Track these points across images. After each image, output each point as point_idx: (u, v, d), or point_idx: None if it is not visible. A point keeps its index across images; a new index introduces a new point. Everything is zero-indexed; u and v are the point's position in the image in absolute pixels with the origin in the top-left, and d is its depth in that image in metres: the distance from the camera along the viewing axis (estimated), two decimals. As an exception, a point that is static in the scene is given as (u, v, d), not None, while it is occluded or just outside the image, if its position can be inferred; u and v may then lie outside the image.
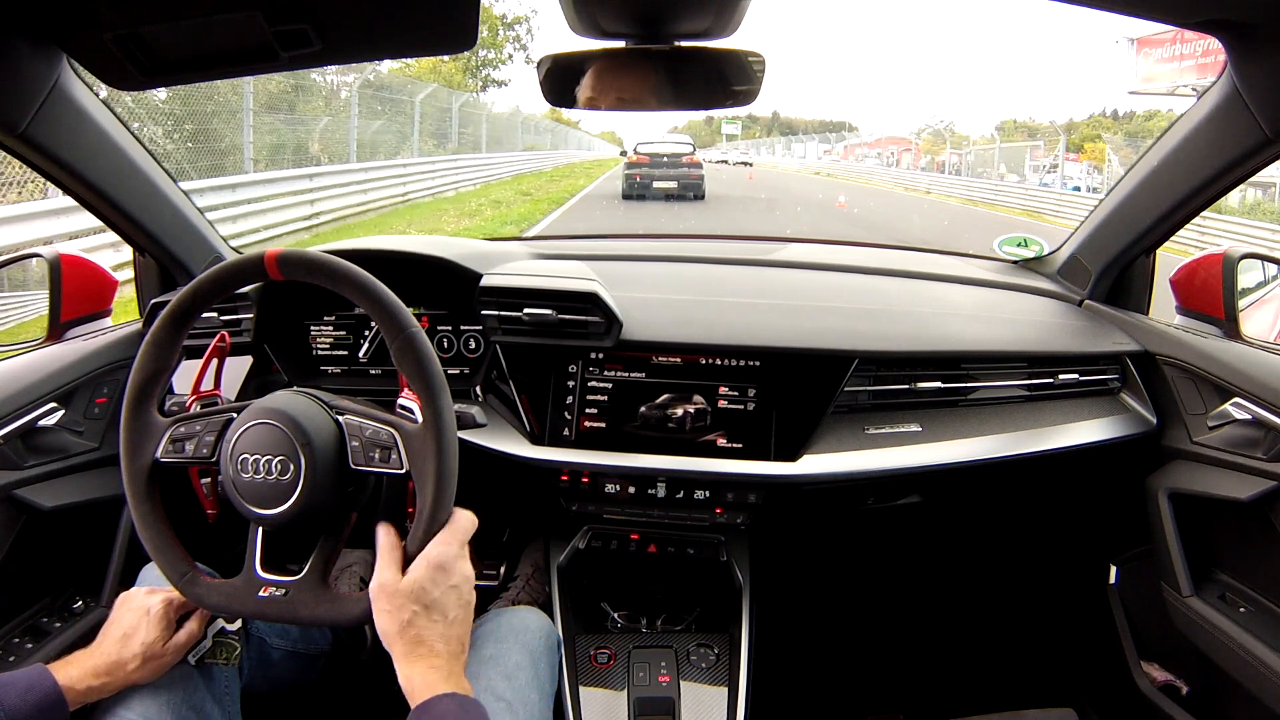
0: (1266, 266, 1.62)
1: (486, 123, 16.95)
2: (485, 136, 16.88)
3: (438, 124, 14.24)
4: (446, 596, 0.73)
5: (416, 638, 0.71)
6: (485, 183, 15.07)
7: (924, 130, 35.20)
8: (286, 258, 0.79)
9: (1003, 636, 1.64)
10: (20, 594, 1.09)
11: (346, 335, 1.36)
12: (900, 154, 30.79)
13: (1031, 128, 29.11)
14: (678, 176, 13.65)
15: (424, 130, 13.49)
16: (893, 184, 23.29)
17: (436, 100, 13.77)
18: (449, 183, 13.30)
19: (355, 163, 10.24)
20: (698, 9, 0.84)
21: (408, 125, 12.63)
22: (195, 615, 0.86)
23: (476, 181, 14.62)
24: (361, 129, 10.92)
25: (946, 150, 25.01)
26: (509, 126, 20.16)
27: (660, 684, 1.17)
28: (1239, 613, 1.11)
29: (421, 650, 0.71)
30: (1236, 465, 1.11)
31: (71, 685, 0.76)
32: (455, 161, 14.03)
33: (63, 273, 1.23)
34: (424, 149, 13.38)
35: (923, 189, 20.88)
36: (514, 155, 19.29)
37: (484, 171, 15.50)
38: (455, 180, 13.59)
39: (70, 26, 0.83)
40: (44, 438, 1.10)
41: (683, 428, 1.18)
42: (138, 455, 0.81)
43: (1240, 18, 0.84)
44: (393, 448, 0.76)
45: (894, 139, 34.95)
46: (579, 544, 1.30)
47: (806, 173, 31.09)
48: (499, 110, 21.30)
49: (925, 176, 23.05)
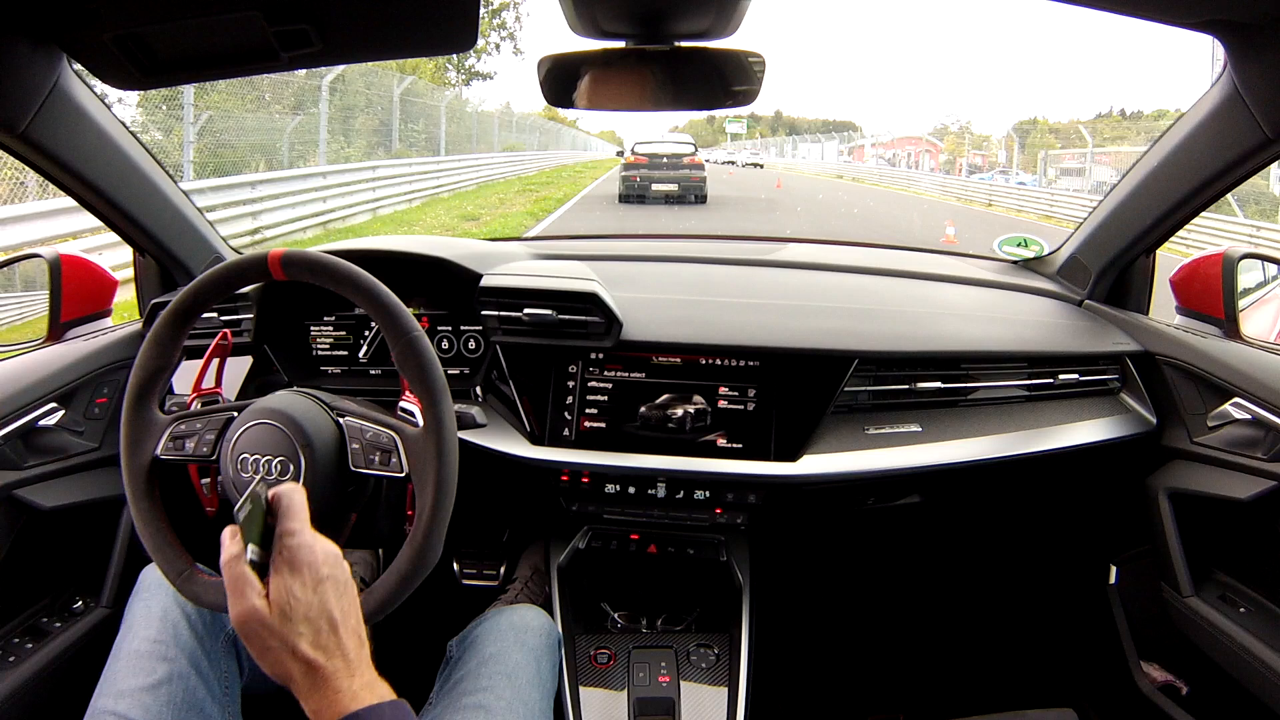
0: (1266, 266, 1.62)
1: (448, 117, 13.63)
2: (444, 135, 13.36)
3: (384, 118, 11.48)
4: (325, 594, 0.62)
5: (310, 664, 0.60)
6: (431, 197, 11.65)
7: (940, 130, 34.21)
8: (290, 258, 0.79)
9: (1003, 636, 1.64)
10: (20, 594, 1.09)
11: (347, 336, 1.36)
12: (918, 155, 30.13)
13: (1052, 128, 26.73)
14: (678, 179, 13.01)
15: (357, 127, 10.75)
16: (939, 192, 19.77)
17: (369, 86, 10.81)
18: (362, 202, 9.46)
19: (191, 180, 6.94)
20: (698, 9, 0.84)
21: (335, 121, 9.93)
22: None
23: (415, 196, 11.12)
24: (264, 125, 8.51)
25: (968, 151, 24.51)
26: (485, 123, 17.14)
27: (660, 684, 1.17)
28: (1239, 613, 1.11)
29: (323, 673, 0.60)
30: (1236, 465, 1.11)
31: None
32: (388, 168, 10.46)
33: (63, 273, 1.24)
34: (346, 153, 10.30)
35: (984, 201, 17.03)
36: (485, 158, 15.90)
37: (431, 181, 12.07)
38: (379, 197, 9.91)
39: (70, 26, 0.83)
40: (44, 438, 1.11)
41: (683, 428, 1.18)
42: (138, 452, 0.81)
43: (1240, 18, 0.84)
44: (393, 451, 0.76)
45: (911, 139, 33.73)
46: (579, 544, 1.30)
47: (827, 176, 27.99)
48: (487, 106, 18.83)
49: (982, 184, 19.26)
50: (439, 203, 11.52)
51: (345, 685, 0.60)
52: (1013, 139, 22.75)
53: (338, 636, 0.61)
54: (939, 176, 23.26)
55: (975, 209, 16.05)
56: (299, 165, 9.25)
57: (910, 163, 29.37)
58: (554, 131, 27.82)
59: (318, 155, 9.57)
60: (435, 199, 11.79)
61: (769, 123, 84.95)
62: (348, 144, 10.91)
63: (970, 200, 17.65)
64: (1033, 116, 45.63)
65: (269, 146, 9.05)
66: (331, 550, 0.65)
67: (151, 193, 1.21)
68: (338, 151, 10.39)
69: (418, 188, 11.43)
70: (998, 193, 17.08)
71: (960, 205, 16.84)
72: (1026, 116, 49.26)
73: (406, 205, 10.72)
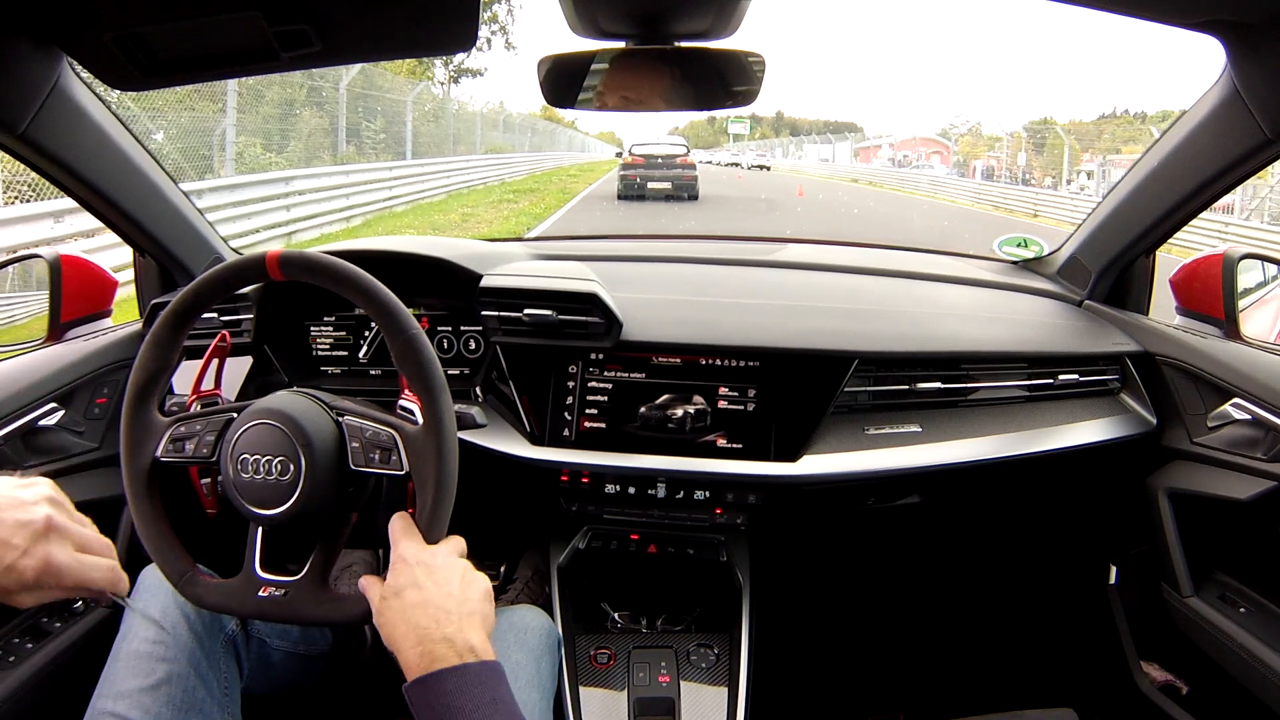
0: (1266, 267, 1.61)
1: (427, 117, 12.54)
2: (410, 135, 11.80)
3: (335, 116, 9.64)
4: (451, 563, 0.73)
5: (421, 598, 0.69)
6: (380, 212, 9.66)
7: (949, 130, 33.52)
8: (287, 258, 0.79)
9: (1003, 636, 1.64)
10: None
11: (346, 336, 1.36)
12: (929, 156, 29.67)
13: (1069, 127, 25.35)
14: (672, 177, 13.94)
15: (298, 127, 8.69)
16: (973, 200, 17.40)
17: (315, 76, 9.05)
18: (275, 224, 7.32)
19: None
20: (698, 9, 0.84)
21: (274, 119, 8.12)
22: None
23: (359, 212, 9.14)
24: (199, 126, 6.83)
25: (985, 154, 24.05)
26: (468, 122, 15.94)
27: (660, 684, 1.17)
28: (1239, 613, 1.11)
29: (420, 614, 0.68)
30: (1236, 465, 1.11)
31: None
32: (314, 179, 8.29)
33: (63, 273, 1.24)
34: (267, 159, 8.17)
35: (1029, 212, 14.52)
36: (461, 162, 14.29)
37: (384, 192, 10.04)
38: (295, 218, 7.73)
39: (70, 26, 0.83)
40: (44, 438, 1.10)
41: (683, 428, 1.18)
42: (138, 454, 0.81)
43: (1240, 18, 0.84)
44: (393, 449, 0.76)
45: (922, 140, 33.13)
46: (579, 544, 1.30)
47: (841, 179, 26.07)
48: (478, 105, 17.45)
49: (1022, 190, 16.96)
50: (386, 219, 9.41)
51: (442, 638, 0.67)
52: (1021, 137, 22.08)
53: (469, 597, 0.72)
54: (972, 182, 21.00)
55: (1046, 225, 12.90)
56: (207, 176, 7.17)
57: (922, 164, 28.69)
58: (549, 132, 27.02)
59: (224, 163, 7.36)
60: (384, 215, 9.66)
61: (770, 123, 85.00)
62: (278, 150, 8.73)
63: (1010, 209, 15.32)
64: (1043, 117, 44.61)
65: (191, 151, 7.17)
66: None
67: (151, 193, 1.21)
68: (257, 158, 8.26)
69: (364, 200, 9.22)
70: (1059, 203, 14.38)
71: (1027, 220, 13.92)
72: (1036, 117, 47.95)
73: (343, 225, 8.50)
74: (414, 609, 0.68)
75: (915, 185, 22.15)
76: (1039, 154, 21.98)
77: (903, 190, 21.56)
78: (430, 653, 0.65)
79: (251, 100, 8.26)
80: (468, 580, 0.73)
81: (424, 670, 0.65)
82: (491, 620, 0.73)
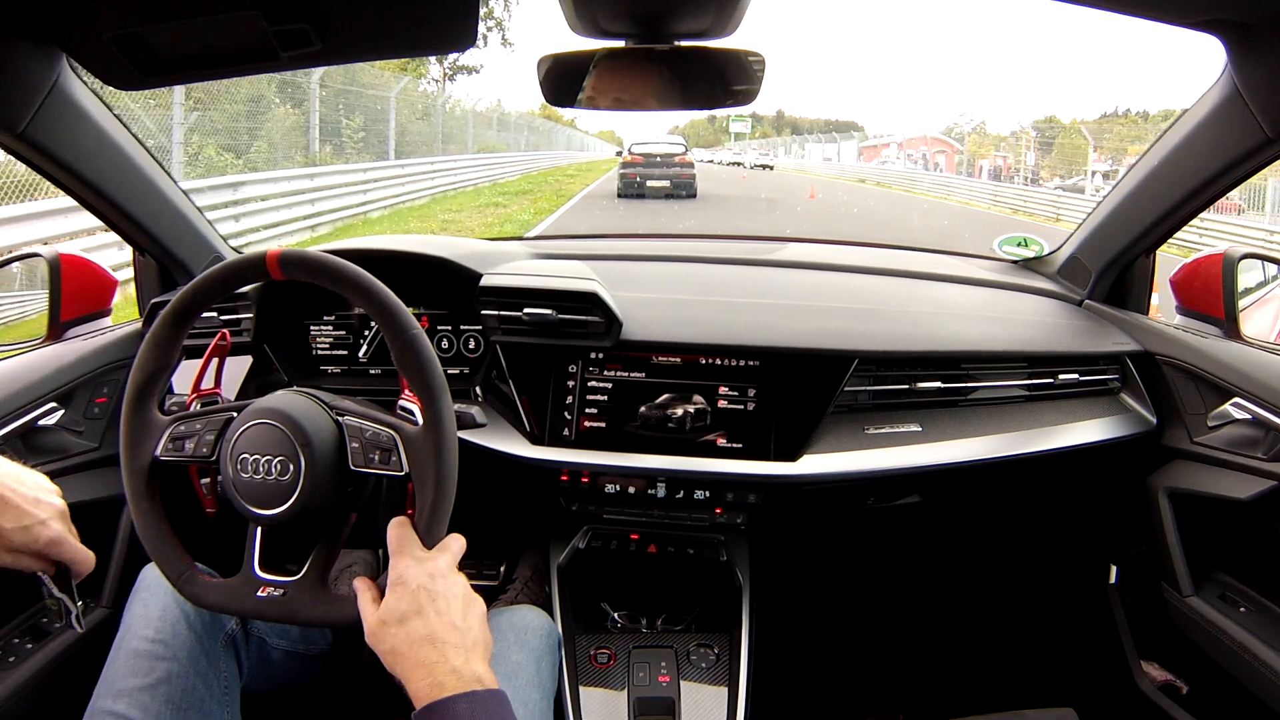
0: (1266, 266, 1.62)
1: (417, 114, 11.86)
2: (394, 133, 11.13)
3: (313, 117, 8.92)
4: (451, 587, 0.72)
5: (426, 630, 0.69)
6: (352, 219, 8.72)
7: (953, 129, 32.74)
8: (287, 258, 0.79)
9: (1003, 636, 1.64)
10: (20, 594, 1.08)
11: (346, 335, 1.36)
12: (934, 156, 29.34)
13: (1073, 126, 23.85)
14: (670, 176, 14.19)
15: (265, 126, 8.07)
16: (991, 203, 16.33)
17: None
18: (231, 235, 4.46)
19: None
20: (698, 8, 0.84)
21: (240, 116, 7.39)
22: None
23: (326, 219, 8.23)
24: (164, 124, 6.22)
25: (993, 153, 23.63)
26: (460, 120, 15.48)
27: (660, 684, 1.17)
28: (1239, 613, 1.11)
29: (427, 648, 0.68)
30: (1236, 465, 1.11)
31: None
32: (268, 183, 7.40)
33: (62, 272, 1.23)
34: (221, 161, 7.52)
35: (1050, 216, 13.53)
36: (451, 161, 13.40)
37: (358, 196, 9.13)
38: (245, 229, 6.76)
39: (70, 26, 0.83)
40: (44, 438, 1.10)
41: (683, 428, 1.18)
42: (137, 453, 0.81)
43: (1240, 18, 0.84)
44: (393, 449, 0.76)
45: (927, 139, 32.07)
46: (579, 544, 1.30)
47: (848, 180, 25.09)
48: (475, 103, 16.99)
49: (1042, 192, 15.68)
50: (359, 227, 8.59)
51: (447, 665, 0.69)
52: (1028, 133, 21.43)
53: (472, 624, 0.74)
54: (988, 184, 19.41)
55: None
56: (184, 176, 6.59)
57: (928, 164, 28.12)
58: (547, 131, 26.47)
59: (171, 164, 6.65)
60: (356, 222, 8.75)
61: (771, 122, 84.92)
62: (240, 151, 8.04)
63: (1030, 213, 14.18)
64: (1048, 115, 43.80)
65: (160, 149, 6.59)
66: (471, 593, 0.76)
67: (151, 193, 1.21)
68: (211, 161, 7.59)
69: (334, 206, 8.39)
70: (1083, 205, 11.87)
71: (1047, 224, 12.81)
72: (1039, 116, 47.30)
73: (307, 234, 7.64)
74: (420, 644, 0.68)
75: (927, 187, 21.09)
76: (1046, 153, 21.74)
77: (914, 192, 20.54)
78: (439, 683, 0.66)
79: (218, 96, 7.59)
80: (468, 605, 0.73)
81: (433, 698, 0.66)
82: (491, 647, 0.74)
